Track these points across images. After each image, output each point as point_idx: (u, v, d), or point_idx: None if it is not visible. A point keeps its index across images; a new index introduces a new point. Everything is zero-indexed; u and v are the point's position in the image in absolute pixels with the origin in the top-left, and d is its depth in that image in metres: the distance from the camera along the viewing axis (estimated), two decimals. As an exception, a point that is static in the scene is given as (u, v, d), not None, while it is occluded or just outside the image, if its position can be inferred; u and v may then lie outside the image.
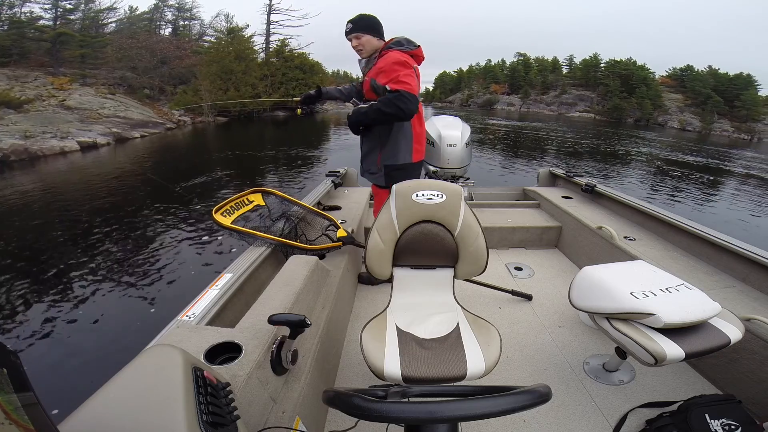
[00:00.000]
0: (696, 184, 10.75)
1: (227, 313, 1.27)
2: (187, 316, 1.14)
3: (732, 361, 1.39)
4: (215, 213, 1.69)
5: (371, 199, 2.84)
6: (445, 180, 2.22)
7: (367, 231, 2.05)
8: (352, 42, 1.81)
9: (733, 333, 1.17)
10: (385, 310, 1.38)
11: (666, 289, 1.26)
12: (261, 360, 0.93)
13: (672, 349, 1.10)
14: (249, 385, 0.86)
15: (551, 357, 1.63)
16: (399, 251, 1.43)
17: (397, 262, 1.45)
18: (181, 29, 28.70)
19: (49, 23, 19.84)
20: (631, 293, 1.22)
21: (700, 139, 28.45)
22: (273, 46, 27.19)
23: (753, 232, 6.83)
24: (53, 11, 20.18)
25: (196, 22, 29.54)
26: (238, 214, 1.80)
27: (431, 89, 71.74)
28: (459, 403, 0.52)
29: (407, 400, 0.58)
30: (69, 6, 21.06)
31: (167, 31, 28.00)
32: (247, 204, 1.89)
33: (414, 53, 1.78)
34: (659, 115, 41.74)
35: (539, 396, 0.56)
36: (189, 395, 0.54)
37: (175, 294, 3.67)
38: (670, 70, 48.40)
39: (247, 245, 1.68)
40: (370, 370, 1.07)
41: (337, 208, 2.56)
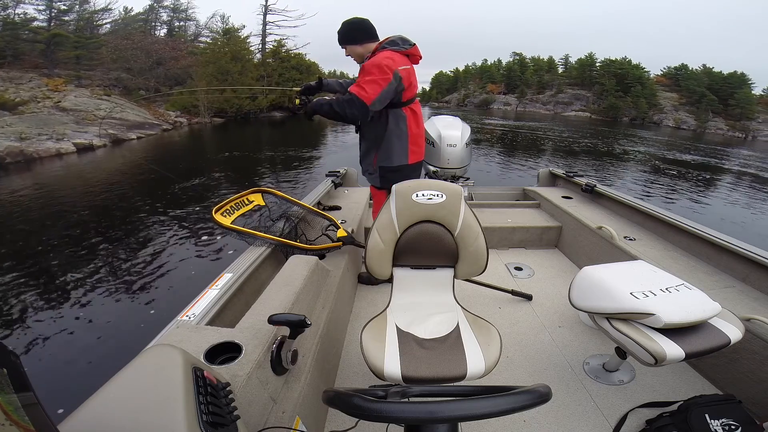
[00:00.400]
0: (693, 182, 10.81)
1: (227, 313, 1.27)
2: (187, 316, 1.14)
3: (732, 361, 1.39)
4: (215, 213, 1.69)
5: (371, 199, 2.85)
6: (445, 180, 2.22)
7: (367, 231, 2.05)
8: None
9: (733, 333, 1.17)
10: (385, 310, 1.38)
11: (666, 289, 1.26)
12: (261, 360, 0.93)
13: (672, 349, 1.10)
14: (249, 385, 0.86)
15: (551, 357, 1.63)
16: (399, 251, 1.43)
17: (397, 262, 1.45)
18: (177, 30, 28.60)
19: (44, 24, 19.73)
20: (631, 293, 1.22)
21: (695, 138, 28.59)
22: (269, 46, 27.15)
23: (749, 229, 6.87)
24: (47, 12, 20.08)
25: (191, 22, 29.54)
26: (238, 214, 1.80)
27: (428, 89, 72.02)
28: (459, 403, 0.52)
29: (407, 400, 0.58)
30: (63, 7, 20.97)
31: (162, 32, 27.98)
32: (247, 204, 1.89)
33: (409, 52, 1.75)
34: (654, 114, 41.99)
35: (539, 396, 0.56)
36: (189, 395, 0.54)
37: (175, 294, 3.67)
38: (664, 69, 48.73)
39: (247, 245, 1.68)
40: (370, 370, 1.07)
41: (337, 208, 2.56)
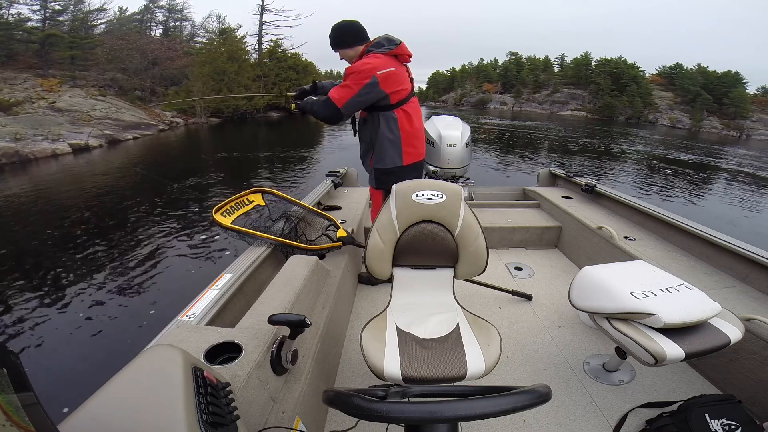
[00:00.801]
0: (688, 181, 10.87)
1: (227, 313, 1.27)
2: (187, 316, 1.14)
3: (732, 361, 1.39)
4: (215, 213, 1.69)
5: (371, 199, 2.85)
6: (445, 180, 2.22)
7: (367, 231, 2.05)
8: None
9: (733, 333, 1.17)
10: (385, 310, 1.38)
11: (666, 289, 1.26)
12: (261, 360, 0.93)
13: (672, 349, 1.10)
14: (249, 385, 0.86)
15: (551, 357, 1.63)
16: (399, 251, 1.43)
17: (397, 262, 1.45)
18: (172, 30, 28.42)
19: (38, 25, 19.54)
20: (631, 293, 1.22)
21: (690, 137, 28.77)
22: (266, 46, 27.01)
23: (745, 228, 6.91)
24: (42, 12, 19.87)
25: (187, 23, 29.33)
26: (238, 214, 1.80)
27: (425, 89, 72.08)
28: (459, 403, 0.52)
29: (407, 400, 0.58)
30: (58, 7, 20.76)
31: (158, 32, 27.74)
32: (247, 204, 1.89)
33: (396, 52, 1.74)
34: (650, 113, 42.25)
35: (539, 396, 0.56)
36: (189, 395, 0.54)
37: (175, 294, 3.67)
38: (659, 68, 49.00)
39: (247, 245, 1.68)
40: (370, 370, 1.07)
41: (337, 208, 2.56)
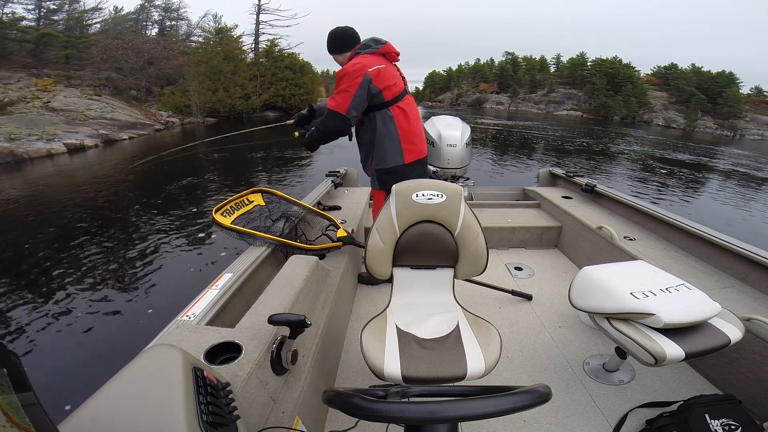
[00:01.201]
0: (684, 180, 10.95)
1: (227, 313, 1.27)
2: (187, 316, 1.14)
3: (732, 361, 1.39)
4: (215, 213, 1.69)
5: (371, 199, 2.85)
6: (445, 180, 2.22)
7: (367, 231, 2.05)
8: None
9: (733, 333, 1.17)
10: (385, 310, 1.38)
11: (666, 289, 1.26)
12: (261, 360, 0.93)
13: (672, 349, 1.10)
14: (249, 385, 0.86)
15: (551, 357, 1.63)
16: (399, 251, 1.43)
17: (397, 262, 1.45)
18: (168, 29, 28.30)
19: (32, 24, 19.43)
20: (631, 293, 1.22)
21: (684, 137, 28.93)
22: (262, 46, 26.95)
23: (740, 226, 6.98)
24: (36, 12, 19.75)
25: (183, 22, 29.24)
26: (238, 214, 1.80)
27: (421, 88, 72.21)
28: (459, 403, 0.52)
29: (407, 400, 0.58)
30: (53, 6, 20.65)
31: (154, 32, 27.64)
32: (247, 204, 1.89)
33: (383, 51, 1.76)
34: (645, 113, 42.48)
35: (539, 396, 0.56)
36: (189, 395, 0.54)
37: (175, 294, 3.67)
38: (654, 68, 49.25)
39: (247, 245, 1.68)
40: (370, 370, 1.07)
41: (337, 208, 2.55)
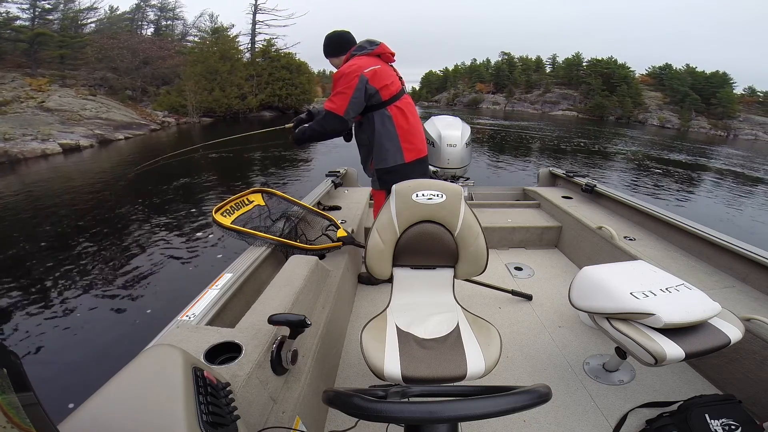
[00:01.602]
0: (679, 179, 11.02)
1: (227, 313, 1.27)
2: (187, 316, 1.14)
3: (732, 361, 1.39)
4: (215, 213, 1.69)
5: (371, 199, 2.85)
6: (445, 180, 2.22)
7: (367, 231, 2.05)
8: None
9: (733, 333, 1.17)
10: (385, 310, 1.38)
11: (666, 289, 1.26)
12: (261, 360, 0.93)
13: (672, 349, 1.10)
14: (249, 385, 0.86)
15: (551, 357, 1.63)
16: (399, 251, 1.43)
17: (397, 262, 1.45)
18: (164, 29, 28.14)
19: (27, 23, 19.34)
20: (631, 293, 1.22)
21: (679, 136, 29.16)
22: (259, 46, 26.89)
23: (735, 224, 7.03)
24: (31, 11, 19.64)
25: (179, 22, 29.05)
26: (238, 214, 1.80)
27: (417, 88, 72.45)
28: (459, 403, 0.52)
29: (407, 400, 0.58)
30: (47, 6, 20.52)
31: (149, 32, 27.45)
32: (247, 204, 1.89)
33: (378, 52, 1.77)
34: (639, 113, 42.88)
35: (539, 396, 0.56)
36: (189, 395, 0.54)
37: (175, 294, 3.67)
38: (649, 68, 49.66)
39: (247, 245, 1.68)
40: (370, 370, 1.07)
41: (337, 208, 2.55)
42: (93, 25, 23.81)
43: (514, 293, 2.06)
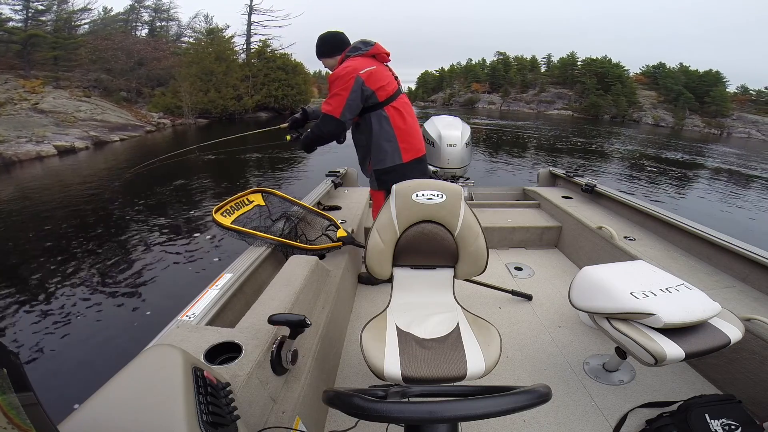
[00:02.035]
0: (674, 178, 11.06)
1: (227, 313, 1.27)
2: (187, 316, 1.14)
3: (732, 361, 1.39)
4: (215, 213, 1.69)
5: (371, 199, 2.85)
6: (445, 180, 2.22)
7: (367, 231, 2.05)
8: None
9: (733, 333, 1.17)
10: (385, 310, 1.38)
11: (666, 289, 1.26)
12: (261, 360, 0.93)
13: (672, 349, 1.10)
14: (249, 385, 0.86)
15: (551, 357, 1.63)
16: (399, 251, 1.43)
17: (397, 262, 1.45)
18: (158, 30, 27.96)
19: (20, 25, 19.09)
20: (631, 293, 1.22)
21: (673, 135, 29.29)
22: (254, 46, 26.70)
23: (731, 222, 7.05)
24: (24, 12, 19.37)
25: (173, 23, 28.87)
26: (238, 214, 1.80)
27: (414, 88, 72.54)
28: (459, 403, 0.52)
29: (407, 400, 0.58)
30: (41, 7, 20.26)
31: (144, 33, 27.29)
32: (247, 204, 1.89)
33: (373, 53, 1.76)
34: (634, 112, 43.12)
35: (539, 396, 0.56)
36: (189, 395, 0.54)
37: (175, 294, 3.67)
38: (643, 67, 49.81)
39: (247, 245, 1.68)
40: (370, 370, 1.07)
41: (337, 208, 2.56)
42: (87, 27, 23.62)
43: (514, 293, 2.06)
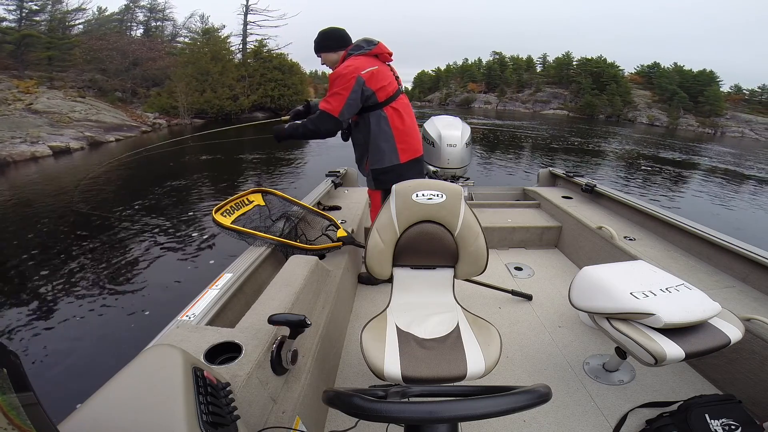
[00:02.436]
0: (670, 177, 11.10)
1: (227, 313, 1.27)
2: (187, 316, 1.14)
3: (732, 361, 1.39)
4: (215, 213, 1.69)
5: (370, 200, 2.85)
6: (445, 180, 2.22)
7: (367, 231, 2.05)
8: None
9: (733, 333, 1.17)
10: (385, 310, 1.38)
11: (666, 289, 1.26)
12: (261, 360, 0.93)
13: (672, 349, 1.10)
14: (249, 385, 0.86)
15: (551, 357, 1.63)
16: (399, 251, 1.43)
17: (397, 262, 1.45)
18: (154, 30, 27.80)
19: (13, 25, 19.09)
20: (631, 293, 1.22)
21: (668, 134, 29.45)
22: (250, 46, 26.59)
23: (728, 221, 7.09)
24: (18, 12, 19.36)
25: (168, 23, 28.68)
26: (238, 214, 1.80)
27: (410, 88, 72.47)
28: (459, 403, 0.52)
29: (407, 400, 0.58)
30: (35, 7, 20.22)
31: (139, 33, 27.09)
32: (247, 204, 1.89)
33: (375, 52, 1.76)
34: (629, 111, 43.27)
35: (539, 396, 0.56)
36: (189, 395, 0.54)
37: (175, 294, 3.67)
38: (638, 67, 50.10)
39: (247, 245, 1.68)
40: (370, 370, 1.07)
41: (337, 208, 2.56)
42: (81, 27, 23.52)
43: (514, 293, 2.06)
